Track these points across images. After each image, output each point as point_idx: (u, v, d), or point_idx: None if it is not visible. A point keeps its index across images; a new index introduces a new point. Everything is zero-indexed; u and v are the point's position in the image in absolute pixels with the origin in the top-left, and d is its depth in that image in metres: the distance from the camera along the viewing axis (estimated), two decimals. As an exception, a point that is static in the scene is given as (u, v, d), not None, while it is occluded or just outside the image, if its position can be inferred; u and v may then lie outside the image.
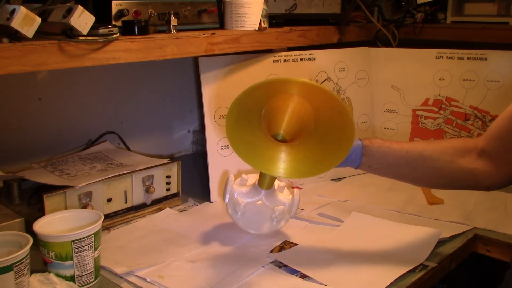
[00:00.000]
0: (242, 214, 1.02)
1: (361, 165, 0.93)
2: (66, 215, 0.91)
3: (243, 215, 1.02)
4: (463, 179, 0.92)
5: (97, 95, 1.39)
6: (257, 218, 1.02)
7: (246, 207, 1.01)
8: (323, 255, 0.97)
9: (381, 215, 1.14)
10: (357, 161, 0.92)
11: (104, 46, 0.92)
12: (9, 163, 1.23)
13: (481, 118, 1.38)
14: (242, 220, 1.02)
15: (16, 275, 0.76)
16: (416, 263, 0.93)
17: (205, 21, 1.17)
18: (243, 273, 0.90)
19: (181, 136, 1.62)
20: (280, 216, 1.01)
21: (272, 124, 0.89)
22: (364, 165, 0.93)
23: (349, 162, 0.93)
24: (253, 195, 1.01)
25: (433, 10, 1.63)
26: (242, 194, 1.01)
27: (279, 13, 1.31)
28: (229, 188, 1.00)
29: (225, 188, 1.01)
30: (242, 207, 1.01)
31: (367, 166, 0.93)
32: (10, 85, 1.22)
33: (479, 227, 1.09)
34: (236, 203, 1.01)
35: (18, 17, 0.79)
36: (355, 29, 1.53)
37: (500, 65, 1.36)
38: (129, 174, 1.11)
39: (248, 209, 1.01)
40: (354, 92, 1.45)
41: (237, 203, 1.01)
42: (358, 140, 0.92)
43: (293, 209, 1.01)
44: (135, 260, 0.94)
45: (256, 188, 1.01)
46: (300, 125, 0.89)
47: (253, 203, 1.01)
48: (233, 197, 1.01)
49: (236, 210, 1.02)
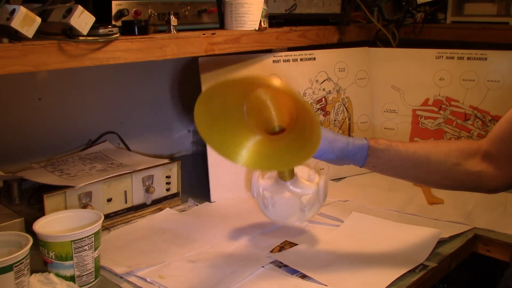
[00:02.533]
0: (272, 207, 0.99)
1: (366, 165, 0.92)
2: (66, 215, 0.91)
3: (274, 207, 0.99)
4: (468, 182, 0.92)
5: (97, 95, 1.39)
6: (286, 209, 0.99)
7: (275, 199, 0.98)
8: (323, 255, 0.97)
9: (381, 215, 1.14)
10: (362, 161, 0.92)
11: (104, 46, 0.92)
12: (9, 163, 1.23)
13: (481, 118, 1.38)
14: (273, 214, 1.00)
15: (16, 275, 0.76)
16: (416, 263, 0.93)
17: (205, 21, 1.17)
18: (243, 273, 0.90)
19: (181, 136, 1.62)
20: (309, 205, 0.98)
21: (265, 119, 0.88)
22: (369, 165, 0.93)
23: (353, 162, 0.92)
24: (279, 186, 0.98)
25: (433, 10, 1.63)
26: (268, 187, 0.99)
27: (279, 13, 1.31)
28: (254, 182, 0.99)
29: (251, 184, 0.99)
30: (270, 200, 0.98)
31: (372, 166, 0.93)
32: (10, 85, 1.22)
33: (479, 227, 1.09)
34: (264, 197, 0.99)
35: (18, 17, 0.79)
36: (355, 29, 1.53)
37: (500, 65, 1.36)
38: (129, 174, 1.11)
39: (277, 202, 0.99)
40: (354, 92, 1.45)
41: (265, 197, 0.99)
42: (363, 139, 0.91)
43: (320, 196, 0.98)
44: (135, 260, 0.94)
45: (279, 182, 0.98)
46: (289, 114, 0.87)
47: (280, 195, 0.98)
48: (260, 192, 0.99)
49: (266, 204, 0.99)
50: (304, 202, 0.97)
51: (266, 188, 0.99)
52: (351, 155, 0.91)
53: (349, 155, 0.91)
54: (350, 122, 1.45)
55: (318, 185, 0.98)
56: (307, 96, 1.37)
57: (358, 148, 0.90)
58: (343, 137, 0.92)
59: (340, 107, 1.43)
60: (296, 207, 0.98)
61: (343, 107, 1.43)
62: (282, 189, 0.98)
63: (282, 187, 0.98)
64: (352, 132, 1.45)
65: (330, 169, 1.38)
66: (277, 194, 0.98)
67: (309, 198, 0.97)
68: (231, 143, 0.88)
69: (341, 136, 0.92)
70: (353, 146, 0.90)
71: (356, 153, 0.91)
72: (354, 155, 0.91)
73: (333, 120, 1.41)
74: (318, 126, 0.80)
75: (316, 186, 0.98)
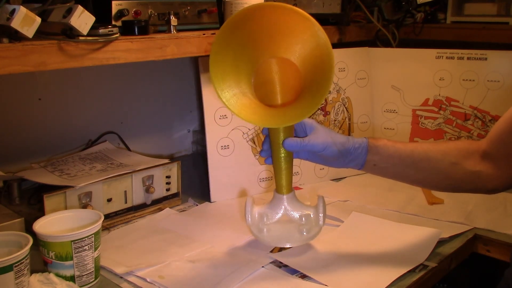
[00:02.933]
0: (267, 231, 0.93)
1: (365, 164, 0.92)
2: (66, 215, 0.91)
3: (269, 231, 0.93)
4: (467, 182, 0.92)
5: (97, 95, 1.39)
6: (284, 231, 0.94)
7: (270, 221, 0.93)
8: (323, 255, 0.97)
9: (381, 215, 1.14)
10: (362, 157, 0.91)
11: (104, 46, 0.92)
12: (9, 163, 1.23)
13: (481, 118, 1.38)
14: (269, 237, 0.93)
15: (16, 275, 0.76)
16: (416, 263, 0.93)
17: (205, 21, 1.17)
18: (243, 273, 0.90)
19: (181, 136, 1.62)
20: (309, 225, 0.93)
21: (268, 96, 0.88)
22: (369, 164, 0.92)
23: (354, 159, 0.92)
24: (275, 206, 0.93)
25: (433, 10, 1.63)
26: (262, 210, 0.94)
27: (279, 13, 1.30)
28: (249, 206, 0.93)
29: (245, 209, 0.94)
30: (265, 223, 0.93)
31: (372, 165, 0.92)
32: (10, 85, 1.22)
33: (479, 227, 1.09)
34: (259, 220, 0.94)
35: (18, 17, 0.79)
36: (355, 29, 1.53)
37: (500, 65, 1.36)
38: (129, 174, 1.11)
39: (272, 224, 0.94)
40: (354, 92, 1.45)
41: (260, 219, 0.93)
42: (363, 138, 0.92)
43: (320, 217, 0.92)
44: (135, 260, 0.94)
45: (276, 198, 0.94)
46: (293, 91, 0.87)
47: (276, 216, 0.93)
48: (255, 216, 0.94)
49: (260, 229, 0.94)
50: (303, 221, 0.93)
51: (261, 211, 0.94)
52: (352, 150, 0.90)
53: (350, 149, 0.90)
54: (350, 122, 1.45)
55: (317, 206, 0.93)
56: (307, 96, 1.37)
57: (358, 143, 0.91)
58: (343, 135, 0.93)
59: (340, 107, 1.43)
60: (293, 229, 0.94)
61: (343, 107, 1.43)
62: (278, 209, 0.93)
63: (278, 207, 0.93)
64: (352, 132, 1.45)
65: (330, 169, 1.38)
66: (273, 216, 0.93)
67: (308, 216, 0.93)
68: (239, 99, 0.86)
69: (341, 134, 0.93)
70: (353, 142, 0.91)
71: (357, 148, 0.90)
72: (355, 150, 0.90)
73: (333, 120, 1.41)
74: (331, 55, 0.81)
75: (314, 208, 0.94)
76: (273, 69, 0.88)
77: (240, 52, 0.87)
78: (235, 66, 0.87)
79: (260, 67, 0.88)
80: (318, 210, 0.93)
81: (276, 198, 0.94)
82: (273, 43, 0.87)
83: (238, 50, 0.87)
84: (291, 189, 0.93)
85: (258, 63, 0.88)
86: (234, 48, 0.86)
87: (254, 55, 0.88)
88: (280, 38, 0.87)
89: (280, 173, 0.91)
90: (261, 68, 0.88)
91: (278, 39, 0.87)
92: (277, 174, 0.92)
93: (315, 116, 1.38)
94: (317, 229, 0.94)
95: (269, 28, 0.87)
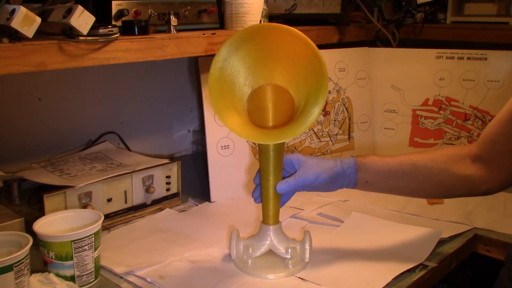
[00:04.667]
0: (252, 263, 0.91)
1: (357, 182, 0.93)
2: (66, 215, 0.91)
3: (254, 263, 0.91)
4: (459, 186, 0.92)
5: (97, 95, 1.39)
6: (269, 263, 0.92)
7: (255, 253, 0.91)
8: (323, 255, 0.97)
9: (381, 215, 1.14)
10: (353, 177, 0.93)
11: (104, 46, 0.92)
12: (9, 163, 1.23)
13: (481, 118, 1.38)
14: (252, 269, 0.90)
15: (16, 275, 0.76)
16: (416, 263, 0.93)
17: (205, 21, 1.17)
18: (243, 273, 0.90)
19: (181, 136, 1.62)
20: (294, 259, 0.91)
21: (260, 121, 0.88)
22: (360, 182, 0.93)
23: (345, 180, 0.93)
24: (261, 238, 0.92)
25: (433, 10, 1.63)
26: (248, 241, 0.93)
27: (279, 13, 1.31)
28: (234, 240, 0.91)
29: (230, 245, 0.92)
30: (250, 255, 0.91)
31: (364, 182, 0.94)
32: (10, 85, 1.22)
33: (479, 227, 1.09)
34: (244, 252, 0.92)
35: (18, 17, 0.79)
36: (355, 29, 1.53)
37: (500, 65, 1.36)
38: (129, 174, 1.11)
39: (257, 257, 0.92)
40: (354, 92, 1.45)
41: (245, 251, 0.92)
42: (351, 158, 0.93)
43: (306, 251, 0.90)
44: (135, 260, 0.94)
45: (262, 229, 0.92)
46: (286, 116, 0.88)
47: (262, 248, 0.91)
48: (240, 249, 0.92)
49: (245, 261, 0.92)
50: (289, 253, 0.91)
51: (246, 243, 0.93)
52: (341, 172, 0.92)
53: (340, 172, 0.92)
54: (350, 122, 1.45)
55: (303, 240, 0.91)
56: (307, 96, 1.37)
57: (347, 164, 0.92)
58: (330, 159, 0.94)
59: (340, 107, 1.43)
60: (278, 262, 0.92)
61: (343, 107, 1.43)
62: (264, 240, 0.91)
63: (264, 238, 0.92)
64: (352, 132, 1.45)
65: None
66: (259, 247, 0.92)
67: (293, 249, 0.91)
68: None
69: (328, 159, 0.94)
70: (342, 163, 0.93)
71: (346, 169, 0.92)
72: (344, 172, 0.92)
73: (333, 120, 1.41)
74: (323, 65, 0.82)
75: (300, 242, 0.92)
76: (267, 97, 0.89)
77: (237, 74, 0.88)
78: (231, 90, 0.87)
79: (254, 93, 0.89)
80: (304, 244, 0.90)
81: (263, 229, 0.92)
82: (270, 67, 0.88)
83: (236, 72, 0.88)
84: (277, 221, 0.92)
85: (253, 88, 0.89)
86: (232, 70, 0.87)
87: (250, 79, 0.89)
88: (278, 62, 0.88)
89: (267, 203, 0.91)
90: (255, 94, 0.89)
91: (275, 63, 0.88)
92: (264, 204, 0.91)
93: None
94: (303, 263, 0.91)
95: (268, 50, 0.88)
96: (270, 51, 0.88)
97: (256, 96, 0.89)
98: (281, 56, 0.88)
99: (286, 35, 0.86)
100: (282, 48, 0.87)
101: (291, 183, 0.90)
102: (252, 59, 0.88)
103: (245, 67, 0.88)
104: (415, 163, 0.92)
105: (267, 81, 0.89)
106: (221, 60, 0.86)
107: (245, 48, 0.87)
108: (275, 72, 0.89)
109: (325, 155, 1.40)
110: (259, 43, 0.87)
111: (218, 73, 0.86)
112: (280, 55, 0.88)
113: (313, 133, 1.38)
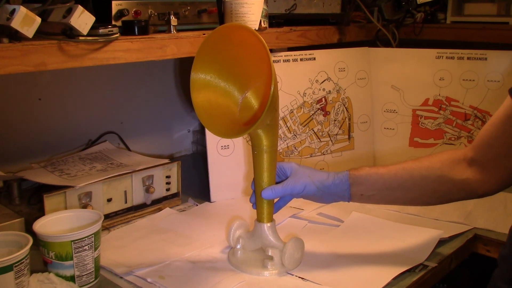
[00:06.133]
0: (240, 254, 0.94)
1: (352, 196, 0.93)
2: (66, 215, 0.91)
3: (242, 255, 0.94)
4: (456, 191, 0.92)
5: (97, 95, 1.39)
6: (251, 259, 0.93)
7: (245, 247, 0.95)
8: (323, 255, 0.97)
9: (381, 215, 1.14)
10: (347, 191, 0.92)
11: (104, 46, 0.92)
12: (9, 163, 1.23)
13: (481, 118, 1.38)
14: (238, 261, 0.93)
15: (16, 275, 0.76)
16: (416, 263, 0.93)
17: (205, 21, 1.17)
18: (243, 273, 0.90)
19: (181, 136, 1.62)
20: (272, 261, 0.90)
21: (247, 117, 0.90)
22: (355, 195, 0.93)
23: (339, 195, 0.93)
24: (254, 234, 0.94)
25: (433, 10, 1.63)
26: (243, 235, 0.96)
27: (279, 13, 1.31)
28: (232, 229, 0.96)
29: (228, 233, 0.96)
30: (240, 247, 0.95)
31: (359, 195, 0.93)
32: (10, 85, 1.22)
33: (479, 227, 1.09)
34: (237, 244, 0.95)
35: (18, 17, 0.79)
36: (355, 29, 1.53)
37: (500, 65, 1.36)
38: (129, 174, 1.11)
39: (246, 250, 0.95)
40: (354, 92, 1.45)
41: (238, 243, 0.95)
42: (344, 172, 0.92)
43: (285, 258, 0.88)
44: (135, 260, 0.94)
45: (255, 226, 0.94)
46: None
47: (252, 244, 0.94)
48: (235, 239, 0.95)
49: (235, 252, 0.95)
50: (269, 253, 0.90)
51: (242, 235, 0.96)
52: (332, 186, 0.91)
53: (330, 187, 0.91)
54: (350, 122, 1.45)
55: (285, 245, 0.89)
56: (307, 96, 1.37)
57: (339, 179, 0.91)
58: (324, 172, 0.94)
59: (340, 107, 1.43)
60: (259, 261, 0.92)
61: (343, 107, 1.43)
62: (256, 237, 0.94)
63: (256, 235, 0.93)
64: (352, 132, 1.45)
65: (330, 169, 1.38)
66: (250, 243, 0.94)
67: (272, 251, 0.90)
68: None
69: (322, 171, 0.94)
70: (334, 177, 0.92)
71: (338, 184, 0.91)
72: (336, 187, 0.91)
73: (333, 120, 1.41)
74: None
75: (284, 246, 0.90)
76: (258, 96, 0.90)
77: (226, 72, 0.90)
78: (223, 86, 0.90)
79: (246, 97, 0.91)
80: (285, 251, 0.89)
81: (256, 226, 0.94)
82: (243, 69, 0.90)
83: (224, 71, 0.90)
84: (271, 219, 0.93)
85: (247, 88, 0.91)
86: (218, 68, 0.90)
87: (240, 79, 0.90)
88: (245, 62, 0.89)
89: (261, 202, 0.92)
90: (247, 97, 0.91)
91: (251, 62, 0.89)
92: (258, 202, 0.93)
93: (315, 115, 1.38)
94: (284, 269, 0.90)
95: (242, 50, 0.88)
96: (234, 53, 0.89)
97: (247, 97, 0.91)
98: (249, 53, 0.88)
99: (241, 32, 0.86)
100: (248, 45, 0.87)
101: (277, 190, 0.91)
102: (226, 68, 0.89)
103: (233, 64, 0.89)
104: (410, 174, 0.91)
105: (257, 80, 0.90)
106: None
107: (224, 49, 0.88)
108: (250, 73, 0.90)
109: (325, 155, 1.40)
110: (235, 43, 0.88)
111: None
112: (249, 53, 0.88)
113: (313, 133, 1.38)
